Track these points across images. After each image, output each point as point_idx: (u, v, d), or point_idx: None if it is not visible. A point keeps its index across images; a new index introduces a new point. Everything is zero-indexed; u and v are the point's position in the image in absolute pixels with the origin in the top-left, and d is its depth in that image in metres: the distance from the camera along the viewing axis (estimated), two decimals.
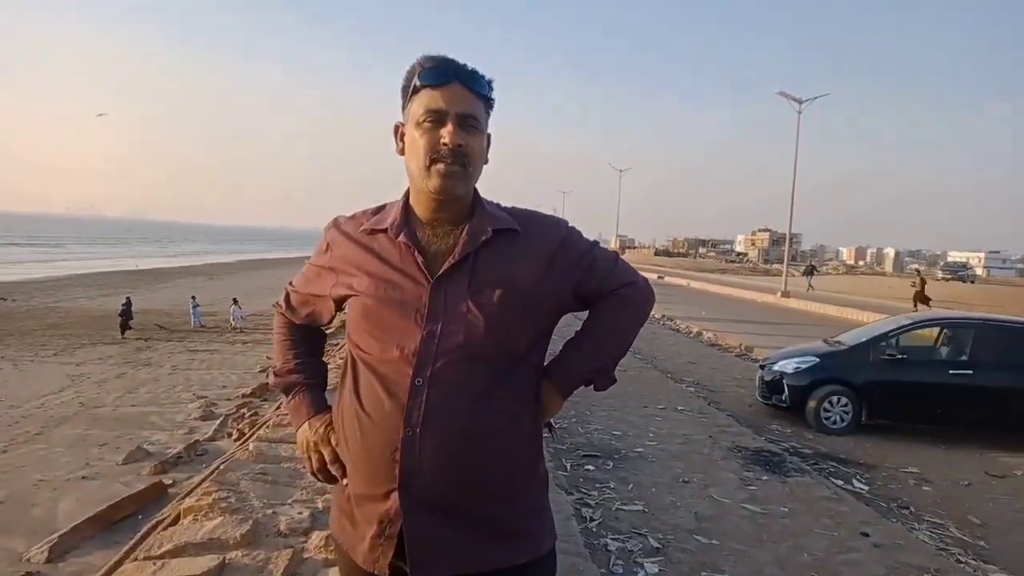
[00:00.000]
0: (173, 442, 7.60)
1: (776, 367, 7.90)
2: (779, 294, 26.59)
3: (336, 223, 1.38)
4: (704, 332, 15.98)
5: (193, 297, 18.46)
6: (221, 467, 2.36)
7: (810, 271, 36.99)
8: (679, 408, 7.41)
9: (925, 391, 7.37)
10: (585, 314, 1.39)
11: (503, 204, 1.38)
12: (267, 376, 1.47)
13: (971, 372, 7.27)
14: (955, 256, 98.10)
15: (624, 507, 4.45)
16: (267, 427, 3.79)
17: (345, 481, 1.31)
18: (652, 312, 1.47)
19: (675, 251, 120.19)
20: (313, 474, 1.38)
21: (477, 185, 1.31)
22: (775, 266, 35.92)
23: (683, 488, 4.90)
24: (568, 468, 5.17)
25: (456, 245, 1.25)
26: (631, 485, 4.87)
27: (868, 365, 7.55)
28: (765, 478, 5.23)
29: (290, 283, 1.48)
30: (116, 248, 69.89)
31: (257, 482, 2.62)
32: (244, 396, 9.44)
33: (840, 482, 5.72)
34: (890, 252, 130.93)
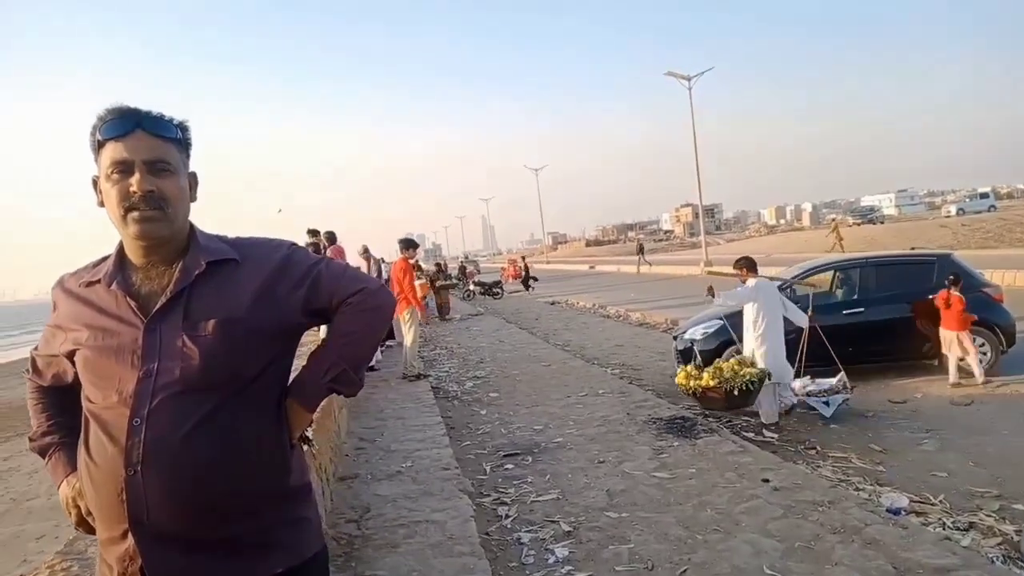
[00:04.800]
0: None
1: (687, 335, 8.17)
2: (702, 264, 27.36)
3: (60, 281, 1.40)
4: (632, 314, 16.33)
5: None
6: (71, 538, 2.33)
7: (640, 250, 36.29)
8: (600, 392, 7.55)
9: (825, 334, 7.72)
10: None
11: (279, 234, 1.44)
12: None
13: (863, 310, 7.68)
14: (867, 200, 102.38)
15: (539, 498, 4.53)
16: None
17: None
18: (583, 303, 1.49)
19: (605, 239, 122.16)
20: (76, 528, 1.42)
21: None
22: (700, 239, 36.84)
23: (598, 468, 5.01)
24: (488, 471, 5.22)
25: (169, 284, 1.29)
26: (548, 476, 4.95)
27: None
28: (676, 444, 5.39)
29: (35, 347, 1.49)
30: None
31: None
32: None
33: (752, 434, 5.96)
34: (807, 207, 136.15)
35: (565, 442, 5.78)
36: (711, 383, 6.05)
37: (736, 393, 5.99)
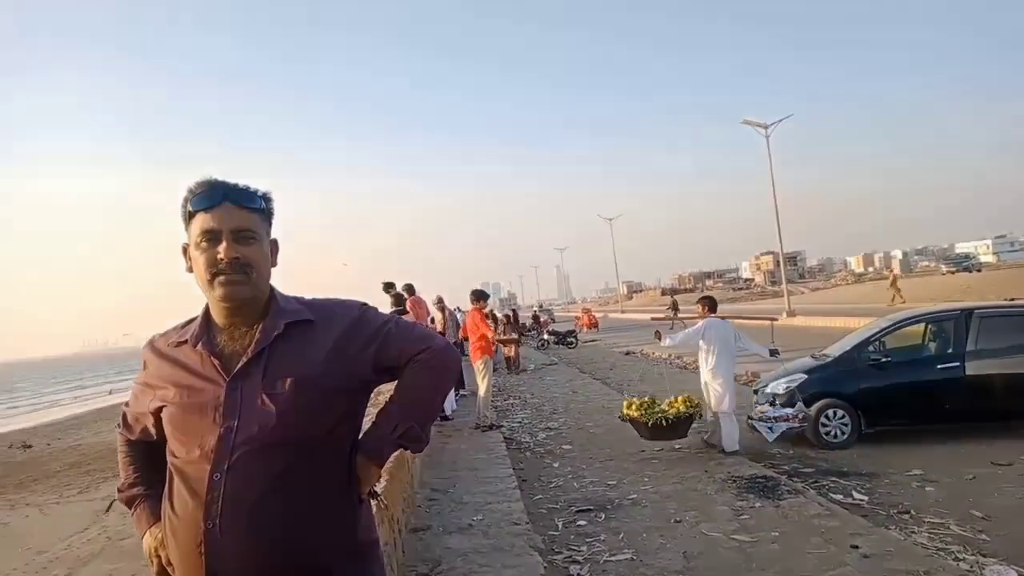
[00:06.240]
0: None
1: (768, 389, 7.90)
2: (784, 314, 26.47)
3: (151, 342, 1.50)
4: None
5: None
6: None
7: (674, 306, 33.15)
8: (676, 447, 7.35)
9: (917, 390, 7.30)
10: None
11: (336, 296, 1.52)
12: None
13: (958, 364, 7.22)
14: (962, 247, 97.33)
15: (612, 558, 4.40)
16: None
17: None
18: (658, 354, 1.52)
19: (681, 287, 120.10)
20: None
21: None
22: (782, 287, 35.52)
23: (674, 528, 4.84)
24: (559, 527, 5.12)
25: (251, 344, 1.36)
26: (622, 534, 4.81)
27: (857, 373, 7.51)
28: (758, 505, 5.16)
29: (125, 403, 1.59)
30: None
31: None
32: None
33: (840, 496, 5.64)
34: (897, 254, 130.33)
35: (640, 499, 5.63)
36: (635, 414, 6.83)
37: (651, 425, 6.68)
